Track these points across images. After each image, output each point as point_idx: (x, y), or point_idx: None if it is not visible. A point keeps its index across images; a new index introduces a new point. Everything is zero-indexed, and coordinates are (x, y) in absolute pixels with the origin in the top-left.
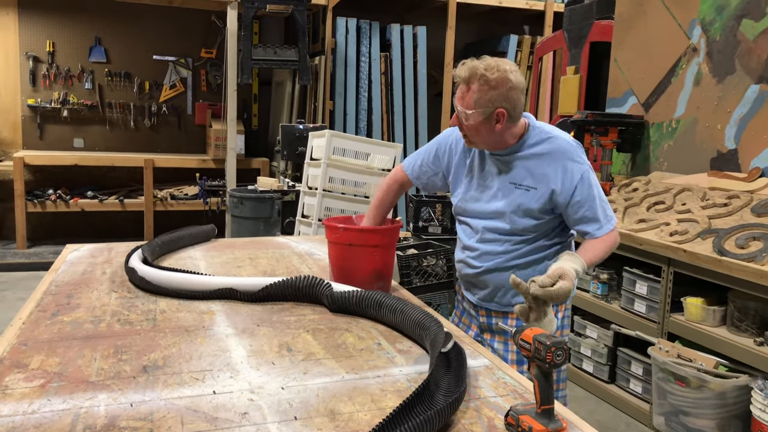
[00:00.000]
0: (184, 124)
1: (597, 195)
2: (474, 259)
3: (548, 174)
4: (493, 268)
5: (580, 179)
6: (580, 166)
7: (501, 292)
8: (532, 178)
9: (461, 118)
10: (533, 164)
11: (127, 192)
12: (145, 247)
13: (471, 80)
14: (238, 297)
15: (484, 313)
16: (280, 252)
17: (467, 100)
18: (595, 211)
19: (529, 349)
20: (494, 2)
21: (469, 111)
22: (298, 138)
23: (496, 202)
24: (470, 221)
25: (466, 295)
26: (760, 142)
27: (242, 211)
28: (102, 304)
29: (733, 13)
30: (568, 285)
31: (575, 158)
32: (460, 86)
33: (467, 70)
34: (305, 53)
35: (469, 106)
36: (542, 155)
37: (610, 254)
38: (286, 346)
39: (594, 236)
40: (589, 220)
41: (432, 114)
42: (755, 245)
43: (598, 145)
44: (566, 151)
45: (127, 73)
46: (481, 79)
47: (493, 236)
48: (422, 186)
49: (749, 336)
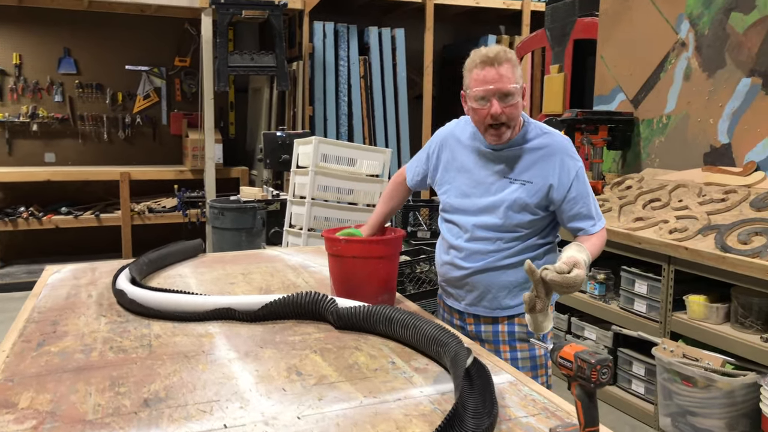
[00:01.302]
0: (159, 134)
1: (590, 192)
2: (462, 259)
3: (545, 169)
4: (482, 269)
5: (576, 175)
6: (576, 162)
7: (491, 294)
8: (529, 173)
9: (503, 101)
10: (531, 158)
11: (103, 207)
12: (132, 266)
13: (501, 60)
14: (237, 317)
15: (472, 320)
16: (273, 266)
17: (510, 77)
18: (589, 207)
19: (570, 368)
20: (471, 2)
21: (515, 86)
22: (281, 146)
23: (489, 197)
24: (459, 219)
25: (449, 304)
26: (754, 136)
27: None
28: (91, 330)
29: (721, 7)
30: (583, 274)
31: (571, 154)
32: (486, 70)
33: (494, 51)
34: (283, 59)
35: (513, 81)
36: (540, 149)
37: (601, 251)
38: (294, 370)
39: (588, 233)
40: (584, 217)
41: (413, 117)
42: (758, 240)
43: (588, 144)
44: (564, 147)
45: (98, 85)
46: (509, 55)
47: (484, 234)
48: (415, 186)
49: (754, 332)
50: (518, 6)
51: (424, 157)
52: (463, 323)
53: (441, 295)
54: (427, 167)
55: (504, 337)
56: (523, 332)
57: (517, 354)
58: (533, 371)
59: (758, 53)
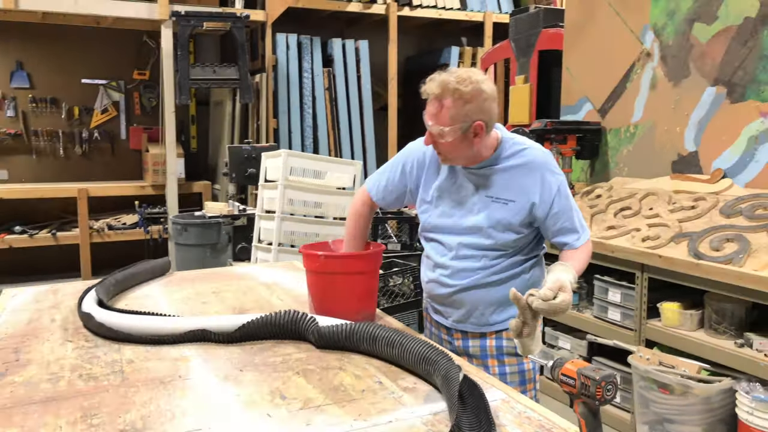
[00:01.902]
0: (118, 149)
1: (573, 206)
2: (448, 277)
3: (526, 186)
4: (469, 286)
5: (558, 191)
6: (557, 177)
7: (478, 311)
8: (510, 191)
9: (436, 136)
10: (510, 177)
11: (59, 225)
12: (98, 287)
13: (444, 95)
14: (213, 339)
15: (460, 336)
16: (246, 283)
17: (443, 117)
18: (573, 221)
19: (573, 385)
20: (434, 15)
21: (446, 128)
22: (247, 159)
23: (472, 217)
24: (443, 238)
25: (436, 319)
26: (720, 144)
27: (187, 238)
28: (57, 357)
29: (684, 17)
30: (568, 298)
31: (552, 169)
32: (431, 102)
33: (438, 85)
34: (246, 71)
35: (446, 123)
36: (519, 167)
37: (588, 263)
38: (278, 393)
39: (573, 247)
40: (568, 231)
41: (378, 128)
42: (730, 247)
43: (557, 154)
44: (543, 163)
45: (53, 99)
46: (455, 93)
47: (470, 252)
48: (387, 205)
49: (728, 338)
50: (480, 18)
51: (397, 174)
52: (450, 338)
53: (428, 309)
54: (404, 185)
55: (492, 352)
56: (512, 347)
57: (506, 369)
58: (522, 386)
59: (721, 63)
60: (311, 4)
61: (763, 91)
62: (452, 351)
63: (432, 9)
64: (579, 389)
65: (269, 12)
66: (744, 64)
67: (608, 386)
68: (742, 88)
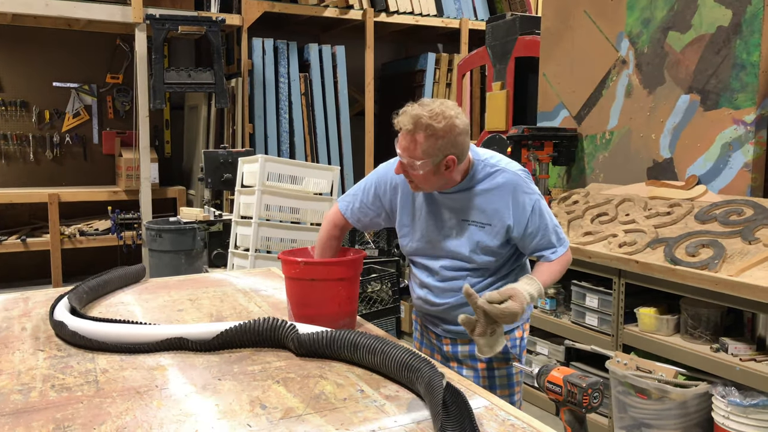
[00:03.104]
0: (90, 154)
1: (549, 222)
2: (435, 296)
3: (500, 209)
4: (457, 304)
5: (531, 211)
6: (530, 197)
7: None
8: (484, 215)
9: (407, 167)
10: (483, 200)
11: (29, 230)
12: (70, 295)
13: (416, 130)
14: (190, 347)
15: (449, 341)
16: (222, 290)
17: (415, 151)
18: (549, 238)
19: (559, 393)
20: (411, 21)
21: (417, 162)
22: (223, 164)
23: (452, 241)
24: (425, 261)
25: (426, 325)
26: (695, 150)
27: (161, 244)
28: (28, 367)
29: (659, 26)
30: (515, 306)
31: (525, 189)
32: (403, 135)
33: (411, 120)
34: (221, 75)
35: (418, 157)
36: (491, 190)
37: (564, 273)
38: (258, 402)
39: (549, 259)
40: (544, 248)
41: (354, 134)
42: (705, 252)
43: (535, 160)
44: (515, 184)
45: (23, 102)
46: (428, 129)
47: (454, 273)
48: (363, 227)
49: (704, 343)
50: (456, 25)
51: (370, 197)
52: (439, 343)
53: (416, 313)
54: (379, 207)
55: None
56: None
57: (495, 372)
58: (510, 389)
59: (695, 71)
60: (287, 10)
61: (736, 99)
62: (441, 355)
63: (408, 15)
64: (565, 397)
65: (245, 16)
66: (717, 72)
67: (595, 393)
68: (715, 96)
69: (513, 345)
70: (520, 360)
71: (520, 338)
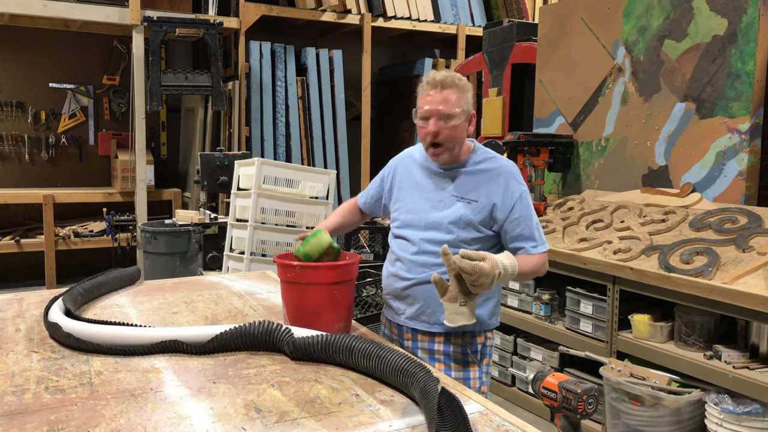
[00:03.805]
0: (86, 155)
1: (533, 216)
2: (406, 270)
3: (490, 189)
4: (424, 280)
5: (519, 197)
6: (520, 186)
7: (430, 309)
8: (476, 192)
9: (442, 121)
10: (478, 179)
11: (24, 231)
12: (65, 296)
13: (448, 84)
14: (185, 350)
15: (410, 336)
16: (217, 293)
17: (451, 102)
18: (531, 230)
19: (554, 399)
20: (408, 26)
21: (457, 109)
22: (219, 167)
23: (436, 213)
24: (408, 233)
25: (389, 317)
26: (689, 158)
27: (156, 246)
28: (22, 369)
29: (655, 34)
30: (485, 266)
31: (517, 178)
32: (435, 93)
33: (443, 75)
34: (218, 78)
35: (455, 105)
36: (487, 171)
37: (534, 276)
38: (253, 406)
39: (528, 252)
40: (526, 238)
41: (351, 138)
42: (699, 260)
43: (530, 166)
44: (509, 171)
45: (19, 103)
46: (460, 82)
47: (431, 247)
48: (371, 211)
49: (697, 350)
50: (453, 30)
51: (378, 180)
52: (401, 338)
53: (383, 311)
54: (381, 189)
55: (439, 356)
56: (459, 353)
57: (451, 373)
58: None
59: (691, 79)
60: (285, 13)
61: (730, 108)
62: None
63: (406, 20)
64: (560, 402)
65: (243, 20)
66: (712, 80)
67: (590, 399)
68: (710, 105)
69: (474, 350)
70: (480, 366)
71: (482, 344)
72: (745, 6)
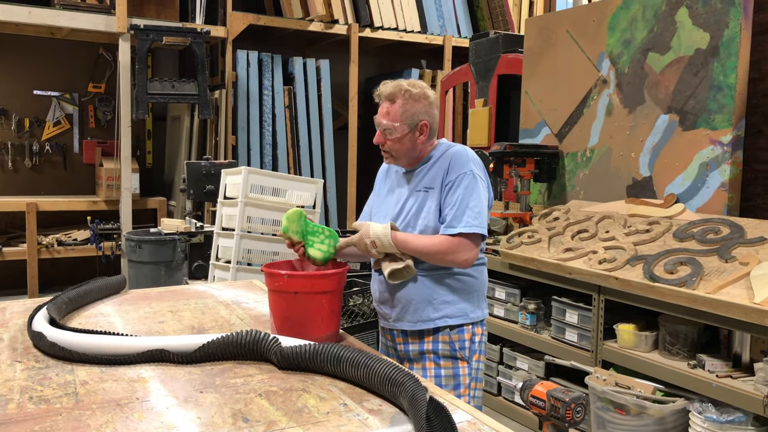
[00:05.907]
0: (70, 163)
1: (465, 199)
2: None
3: (439, 173)
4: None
5: (455, 180)
6: (462, 170)
7: (412, 306)
8: (431, 181)
9: (387, 133)
10: (433, 170)
11: (5, 240)
12: (49, 305)
13: (396, 95)
14: (171, 359)
15: (401, 339)
16: (203, 302)
17: (393, 114)
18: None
19: (542, 407)
20: (395, 36)
21: (396, 124)
22: (205, 176)
23: (398, 205)
24: None
25: (382, 325)
26: (673, 169)
27: (140, 255)
28: (5, 379)
29: (639, 47)
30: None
31: (462, 163)
32: (383, 104)
33: (392, 86)
34: (205, 87)
35: (396, 119)
36: (440, 159)
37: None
38: (240, 416)
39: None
40: (447, 220)
41: (338, 148)
42: (683, 270)
43: (516, 176)
44: (456, 157)
45: (3, 110)
46: (406, 94)
47: None
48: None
49: (681, 359)
50: (440, 41)
51: (371, 197)
52: (393, 343)
53: (379, 319)
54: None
55: (429, 355)
56: (447, 350)
57: (441, 371)
58: (455, 390)
59: (674, 92)
60: (273, 23)
61: (713, 120)
62: (397, 358)
63: (393, 31)
64: (548, 411)
65: (230, 29)
66: (695, 93)
67: (578, 408)
68: (693, 117)
69: (461, 346)
70: (468, 362)
71: (470, 340)
72: (727, 20)
